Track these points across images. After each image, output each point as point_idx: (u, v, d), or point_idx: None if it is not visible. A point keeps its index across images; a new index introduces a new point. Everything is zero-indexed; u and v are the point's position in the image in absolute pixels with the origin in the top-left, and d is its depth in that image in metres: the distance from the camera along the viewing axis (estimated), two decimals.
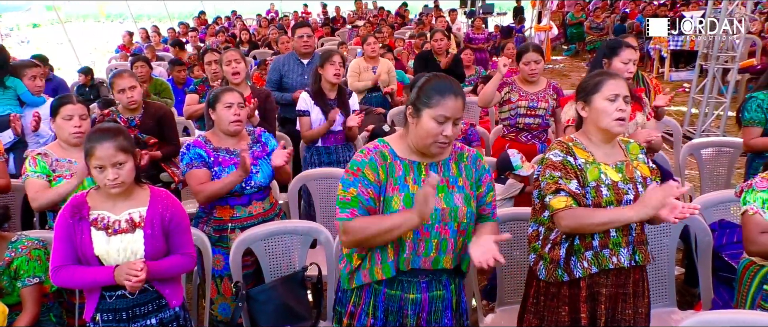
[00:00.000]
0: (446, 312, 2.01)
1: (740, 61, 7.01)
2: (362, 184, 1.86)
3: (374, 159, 1.89)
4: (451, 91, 1.83)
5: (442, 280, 1.99)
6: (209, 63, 4.42)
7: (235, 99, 2.80)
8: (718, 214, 2.99)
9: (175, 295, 2.33)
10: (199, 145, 2.78)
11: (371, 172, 1.87)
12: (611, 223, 1.99)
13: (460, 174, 1.96)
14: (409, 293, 1.95)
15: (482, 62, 8.96)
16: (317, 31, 12.42)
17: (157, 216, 2.22)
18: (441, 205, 1.88)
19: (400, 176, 1.89)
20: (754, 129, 3.22)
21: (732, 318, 1.95)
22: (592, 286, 2.12)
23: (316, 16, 16.61)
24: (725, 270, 2.79)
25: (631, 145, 2.20)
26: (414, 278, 1.94)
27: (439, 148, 1.86)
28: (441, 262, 1.92)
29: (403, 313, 1.95)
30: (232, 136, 2.83)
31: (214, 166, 2.75)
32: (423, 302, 1.95)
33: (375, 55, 5.72)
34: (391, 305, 1.95)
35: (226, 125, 2.79)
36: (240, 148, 2.75)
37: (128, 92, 3.56)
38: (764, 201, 2.20)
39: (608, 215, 1.97)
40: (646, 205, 1.88)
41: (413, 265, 1.90)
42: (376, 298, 1.96)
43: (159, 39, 11.31)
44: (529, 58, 3.85)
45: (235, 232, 2.78)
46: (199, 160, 2.74)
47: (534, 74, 3.85)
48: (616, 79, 2.09)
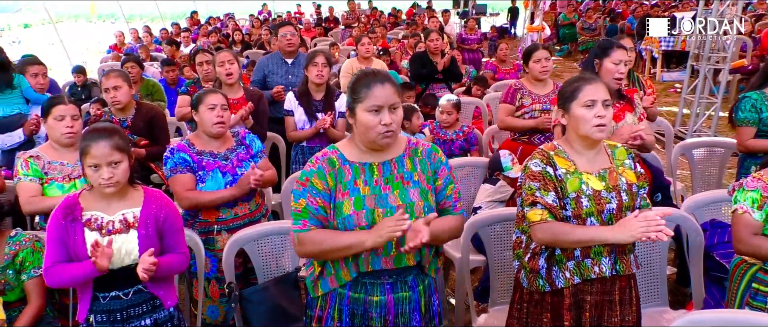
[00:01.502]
0: (414, 314, 1.98)
1: (731, 61, 7.05)
2: (311, 194, 1.87)
3: (322, 167, 1.90)
4: (375, 81, 1.85)
5: (407, 282, 1.96)
6: (200, 64, 4.41)
7: (218, 101, 2.79)
8: (710, 213, 3.00)
9: (169, 296, 2.33)
10: (183, 149, 2.77)
11: (319, 181, 1.88)
12: (586, 242, 1.99)
13: (415, 169, 1.95)
14: (372, 296, 1.93)
15: (475, 63, 8.98)
16: (310, 32, 12.41)
17: (152, 216, 2.22)
18: (396, 202, 1.88)
19: (350, 181, 1.89)
20: (748, 129, 3.23)
21: (723, 317, 1.96)
22: (577, 294, 2.11)
23: (309, 17, 16.60)
24: (717, 269, 2.81)
25: (617, 150, 2.17)
26: (377, 280, 1.93)
27: (385, 139, 1.85)
28: (403, 260, 1.91)
29: (368, 316, 1.94)
30: (215, 138, 2.82)
31: (198, 170, 2.75)
32: (388, 304, 1.93)
33: (369, 55, 5.73)
34: (356, 308, 1.94)
35: (208, 127, 2.78)
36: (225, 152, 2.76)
37: (112, 92, 3.56)
38: (754, 200, 2.20)
39: (584, 234, 1.97)
40: (624, 231, 1.87)
41: (374, 266, 1.89)
42: (341, 302, 1.94)
43: (151, 39, 11.26)
44: (539, 56, 3.80)
45: (222, 233, 2.78)
46: (184, 164, 2.73)
47: (545, 71, 3.80)
48: (593, 83, 2.06)
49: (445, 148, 4.28)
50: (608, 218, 2.03)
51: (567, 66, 13.10)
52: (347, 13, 14.44)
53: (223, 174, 2.77)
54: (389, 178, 1.91)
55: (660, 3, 14.56)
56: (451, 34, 10.67)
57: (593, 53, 3.14)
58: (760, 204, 2.19)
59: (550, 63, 3.84)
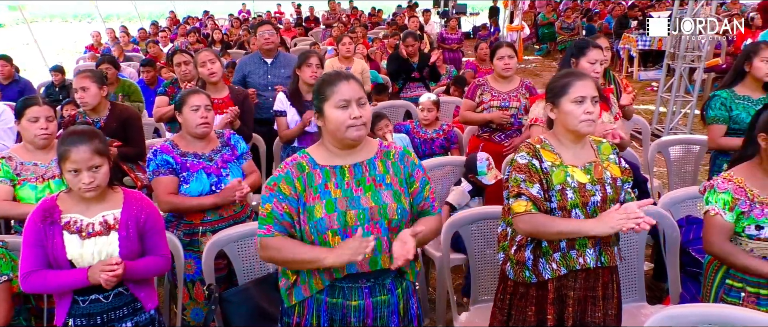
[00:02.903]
0: (393, 317, 1.97)
1: (706, 60, 7.18)
2: (277, 200, 1.86)
3: (290, 172, 1.89)
4: (338, 78, 1.88)
5: (386, 285, 1.95)
6: (179, 64, 4.36)
7: (202, 101, 2.77)
8: (686, 210, 3.05)
9: (150, 298, 2.31)
10: (167, 151, 2.74)
11: (287, 186, 1.87)
12: (568, 234, 2.03)
13: (387, 171, 1.94)
14: (350, 300, 1.91)
15: (455, 62, 9.02)
16: (290, 32, 12.36)
17: (132, 218, 2.20)
18: (369, 204, 1.87)
19: (320, 184, 1.88)
20: (719, 127, 3.29)
21: (698, 312, 1.99)
22: (560, 289, 2.14)
23: (290, 16, 16.53)
24: (692, 265, 2.86)
25: (603, 145, 2.21)
26: (355, 284, 1.91)
27: (357, 132, 1.84)
28: (379, 263, 1.89)
29: (346, 321, 1.92)
30: (199, 138, 2.80)
31: (182, 172, 2.72)
32: (366, 308, 1.92)
33: (349, 55, 5.73)
34: (334, 314, 1.92)
35: (192, 128, 2.75)
36: (210, 153, 2.75)
37: (80, 93, 3.54)
38: (725, 202, 2.22)
39: (566, 226, 2.01)
40: (604, 223, 1.92)
41: (349, 269, 1.87)
42: (318, 308, 1.93)
43: (128, 39, 11.13)
44: (502, 53, 3.87)
45: (207, 235, 2.75)
46: (166, 166, 2.71)
47: (508, 69, 3.87)
48: (583, 80, 2.10)
49: (425, 147, 4.30)
50: (593, 210, 2.07)
51: (546, 65, 13.22)
52: (328, 13, 14.41)
53: (207, 175, 2.75)
54: (361, 180, 1.90)
55: (637, 3, 14.76)
56: (431, 34, 10.70)
57: (569, 52, 3.17)
58: (731, 206, 2.21)
59: (513, 61, 3.90)
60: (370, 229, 1.86)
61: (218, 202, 2.73)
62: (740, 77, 3.30)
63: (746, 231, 2.22)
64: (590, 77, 2.15)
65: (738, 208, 2.21)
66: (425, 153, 4.26)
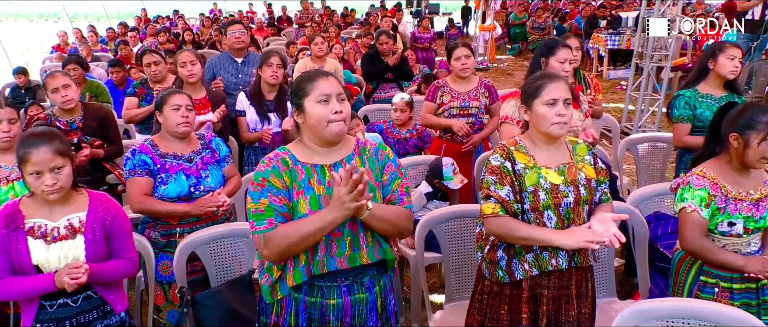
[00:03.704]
0: (371, 315, 1.98)
1: (673, 59, 7.33)
2: (272, 193, 1.84)
3: (277, 166, 1.87)
4: (317, 75, 1.90)
5: (364, 283, 1.96)
6: (148, 64, 4.30)
7: (183, 101, 2.75)
8: (654, 206, 3.11)
9: (120, 301, 2.27)
10: (145, 151, 2.70)
11: (277, 179, 1.85)
12: (532, 241, 2.05)
13: (364, 166, 1.94)
14: (329, 299, 1.91)
15: (428, 62, 9.05)
16: (262, 31, 12.27)
17: (98, 220, 2.16)
18: None
19: (304, 180, 1.87)
20: (684, 125, 3.36)
21: (666, 306, 2.03)
22: (535, 288, 2.16)
23: (262, 16, 16.40)
24: (660, 260, 2.92)
25: (578, 146, 2.23)
26: (333, 282, 1.91)
27: (338, 127, 1.85)
28: (358, 259, 1.89)
29: (325, 320, 1.92)
30: (180, 139, 2.77)
31: (160, 173, 2.69)
32: (345, 307, 1.92)
33: (322, 54, 5.71)
34: (313, 313, 1.92)
35: (173, 128, 2.73)
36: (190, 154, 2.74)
37: (62, 91, 3.44)
38: (702, 199, 2.26)
39: (532, 232, 2.02)
40: (570, 238, 1.93)
41: (329, 267, 1.86)
42: (297, 306, 1.92)
43: (96, 39, 10.90)
44: (459, 53, 3.88)
45: (184, 236, 2.72)
46: (143, 167, 2.67)
47: (465, 69, 3.88)
48: (556, 82, 2.12)
49: (399, 147, 4.30)
50: (565, 212, 2.09)
51: (518, 64, 13.34)
52: (300, 13, 14.33)
53: (186, 176, 2.72)
54: None
55: (606, 3, 15.01)
56: (405, 34, 10.72)
57: (539, 52, 3.21)
58: (707, 202, 2.26)
59: (470, 60, 3.91)
60: (349, 227, 1.87)
61: (191, 212, 2.70)
62: (704, 75, 3.38)
63: (719, 227, 2.28)
64: (564, 79, 2.16)
65: (714, 204, 2.26)
66: (399, 153, 4.26)
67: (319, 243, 1.84)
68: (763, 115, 2.20)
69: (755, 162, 2.23)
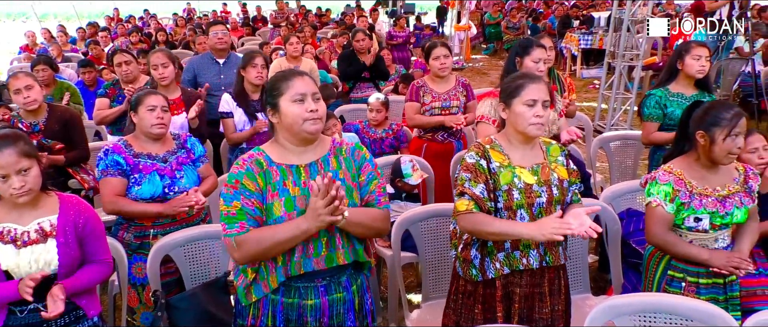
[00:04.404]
0: (349, 314, 1.98)
1: (644, 59, 7.47)
2: (244, 196, 1.82)
3: (251, 168, 1.86)
4: (292, 74, 1.89)
5: (341, 282, 1.95)
6: (119, 64, 4.23)
7: (158, 102, 2.71)
8: (626, 203, 3.16)
9: (92, 305, 2.23)
10: (119, 151, 2.66)
11: (250, 182, 1.84)
12: (504, 235, 2.06)
13: (340, 167, 1.94)
14: (306, 299, 1.90)
15: (403, 61, 9.07)
16: (237, 31, 12.17)
17: (70, 223, 2.12)
18: None
19: (278, 181, 1.86)
20: (652, 124, 3.43)
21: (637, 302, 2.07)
22: (507, 286, 2.18)
23: (236, 16, 16.25)
24: (633, 256, 2.97)
25: (552, 147, 2.25)
26: (310, 283, 1.90)
27: (314, 126, 1.84)
28: (334, 259, 1.89)
29: (303, 320, 1.91)
30: (155, 140, 2.74)
31: (133, 173, 2.65)
32: (322, 307, 1.92)
33: (297, 54, 5.70)
34: (291, 314, 1.91)
35: (148, 129, 2.70)
36: (164, 154, 2.71)
37: (24, 92, 3.36)
38: (666, 194, 2.32)
39: (502, 227, 2.03)
40: (539, 230, 1.93)
41: (305, 268, 1.86)
42: (274, 308, 1.91)
43: (66, 39, 10.69)
44: (438, 53, 3.88)
45: (158, 237, 2.68)
46: (116, 167, 2.63)
47: (444, 68, 3.89)
48: (536, 83, 2.13)
49: (375, 147, 4.30)
50: (538, 211, 2.11)
51: (493, 64, 13.44)
52: (275, 13, 14.24)
53: (161, 177, 2.68)
54: None
55: (578, 3, 15.21)
56: (380, 33, 10.73)
57: (514, 51, 3.23)
58: (671, 197, 2.32)
59: (449, 60, 3.93)
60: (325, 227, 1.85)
61: (165, 211, 2.66)
62: (674, 75, 3.45)
63: (686, 223, 2.33)
64: (543, 81, 2.18)
65: (678, 200, 2.31)
66: (375, 152, 4.26)
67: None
68: (727, 112, 2.26)
69: (722, 158, 2.28)
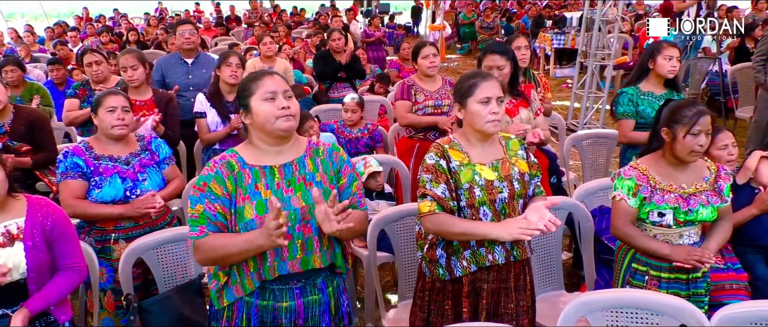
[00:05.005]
0: (324, 316, 1.97)
1: (615, 58, 7.59)
2: (208, 200, 1.82)
3: (220, 171, 1.85)
4: (262, 74, 1.90)
5: (316, 284, 1.95)
6: (89, 64, 4.15)
7: (118, 102, 2.67)
8: (598, 200, 3.21)
9: (63, 311, 2.20)
10: (79, 153, 2.61)
11: (218, 186, 1.83)
12: (470, 236, 2.08)
13: (317, 169, 1.94)
14: (281, 302, 1.90)
15: (379, 61, 9.08)
16: (211, 31, 12.05)
17: (38, 226, 2.07)
18: (300, 204, 1.86)
19: (250, 184, 1.85)
20: (628, 122, 3.48)
21: (609, 297, 2.11)
22: (475, 282, 2.20)
23: (209, 15, 16.09)
24: (605, 252, 3.01)
25: (511, 141, 2.28)
26: (285, 285, 1.90)
27: (286, 122, 1.83)
28: (310, 263, 1.88)
29: (278, 323, 1.90)
30: (116, 141, 2.69)
31: (93, 176, 2.60)
32: (297, 309, 1.91)
33: (271, 54, 5.66)
34: (265, 316, 1.90)
35: (108, 130, 2.65)
36: (127, 156, 2.66)
37: None
38: (630, 188, 2.38)
39: (467, 227, 2.05)
40: (505, 230, 1.94)
41: (280, 271, 1.85)
42: (249, 310, 1.90)
43: (34, 39, 10.46)
44: (426, 52, 3.89)
45: (119, 242, 2.65)
46: (76, 169, 2.58)
47: (433, 67, 3.90)
48: (488, 81, 2.16)
49: (350, 147, 4.30)
50: (501, 207, 2.13)
51: (468, 63, 13.52)
52: (249, 12, 14.13)
53: (122, 180, 2.64)
54: (291, 181, 1.89)
55: (551, 3, 15.39)
56: (355, 33, 10.73)
57: (478, 59, 3.27)
58: (634, 191, 2.37)
59: (437, 59, 3.94)
60: (301, 230, 1.85)
61: (127, 213, 2.62)
62: (645, 74, 3.50)
63: (650, 217, 2.38)
64: (496, 78, 2.20)
65: (640, 194, 2.36)
66: (351, 152, 4.26)
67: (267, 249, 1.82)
68: (689, 110, 2.31)
69: (685, 155, 2.33)
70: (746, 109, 6.44)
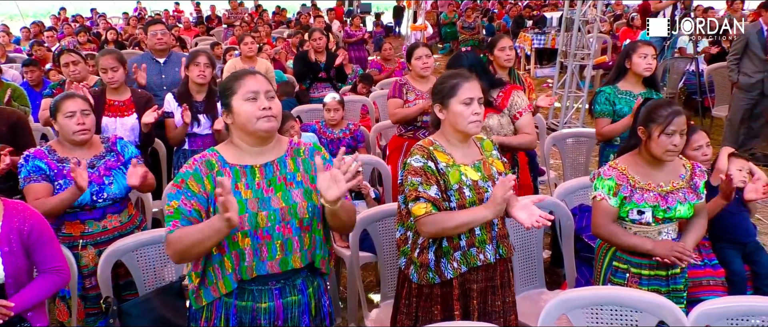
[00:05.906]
0: (303, 317, 1.96)
1: (594, 58, 7.67)
2: (185, 196, 1.80)
3: (199, 169, 1.83)
4: (244, 73, 1.89)
5: (296, 285, 1.93)
6: (66, 64, 4.09)
7: (77, 106, 2.59)
8: (579, 199, 3.24)
9: (39, 318, 2.17)
10: (40, 157, 2.56)
11: (195, 184, 1.81)
12: (469, 224, 2.09)
13: (298, 169, 1.93)
14: (260, 302, 1.88)
15: (361, 61, 9.07)
16: (191, 31, 11.94)
17: (15, 231, 2.04)
18: (280, 204, 1.85)
19: (231, 185, 1.81)
20: (605, 120, 3.53)
21: (589, 295, 2.13)
22: (464, 284, 2.21)
23: (189, 15, 15.94)
24: (586, 250, 3.04)
25: (485, 142, 2.31)
26: (264, 286, 1.88)
27: (268, 123, 1.82)
28: (290, 263, 1.87)
29: (256, 323, 1.89)
30: (79, 146, 2.64)
31: (58, 179, 2.55)
32: (277, 310, 1.90)
33: (252, 54, 5.63)
34: (244, 317, 1.89)
35: (70, 136, 2.60)
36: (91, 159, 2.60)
37: None
38: (610, 188, 2.41)
39: (465, 217, 2.07)
40: (495, 203, 2.00)
41: (259, 271, 1.84)
42: (227, 311, 1.88)
43: (9, 39, 10.27)
44: (420, 53, 3.92)
45: (87, 248, 2.61)
46: (39, 172, 2.53)
47: (426, 68, 3.92)
48: (470, 81, 2.17)
49: (332, 147, 4.29)
50: None
51: None
52: (229, 12, 14.02)
53: (88, 184, 2.58)
54: (272, 180, 1.87)
55: (532, 3, 15.50)
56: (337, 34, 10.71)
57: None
58: (615, 191, 2.40)
59: (430, 60, 3.97)
60: (281, 230, 1.84)
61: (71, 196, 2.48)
62: (622, 74, 3.55)
63: (630, 215, 2.41)
64: (476, 79, 2.22)
65: (620, 194, 2.39)
66: (332, 152, 4.19)
67: (245, 249, 1.81)
68: (664, 110, 2.35)
69: (660, 153, 2.36)
70: (722, 108, 6.56)
